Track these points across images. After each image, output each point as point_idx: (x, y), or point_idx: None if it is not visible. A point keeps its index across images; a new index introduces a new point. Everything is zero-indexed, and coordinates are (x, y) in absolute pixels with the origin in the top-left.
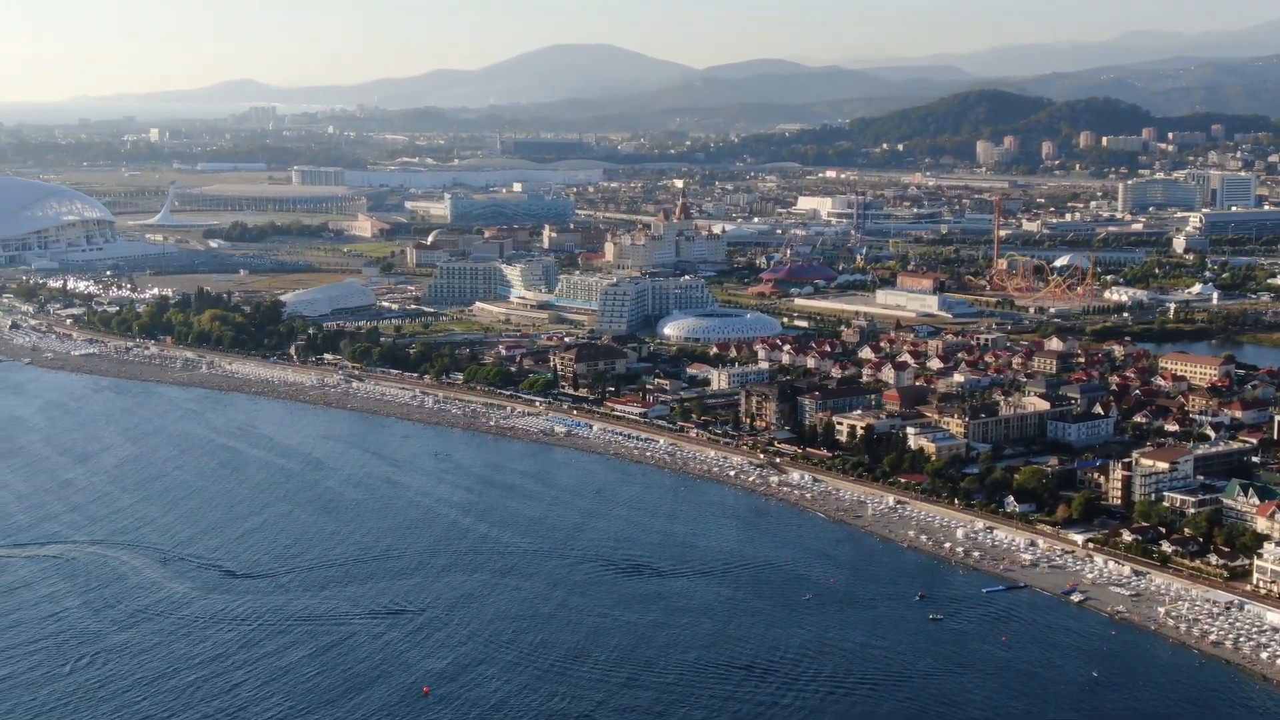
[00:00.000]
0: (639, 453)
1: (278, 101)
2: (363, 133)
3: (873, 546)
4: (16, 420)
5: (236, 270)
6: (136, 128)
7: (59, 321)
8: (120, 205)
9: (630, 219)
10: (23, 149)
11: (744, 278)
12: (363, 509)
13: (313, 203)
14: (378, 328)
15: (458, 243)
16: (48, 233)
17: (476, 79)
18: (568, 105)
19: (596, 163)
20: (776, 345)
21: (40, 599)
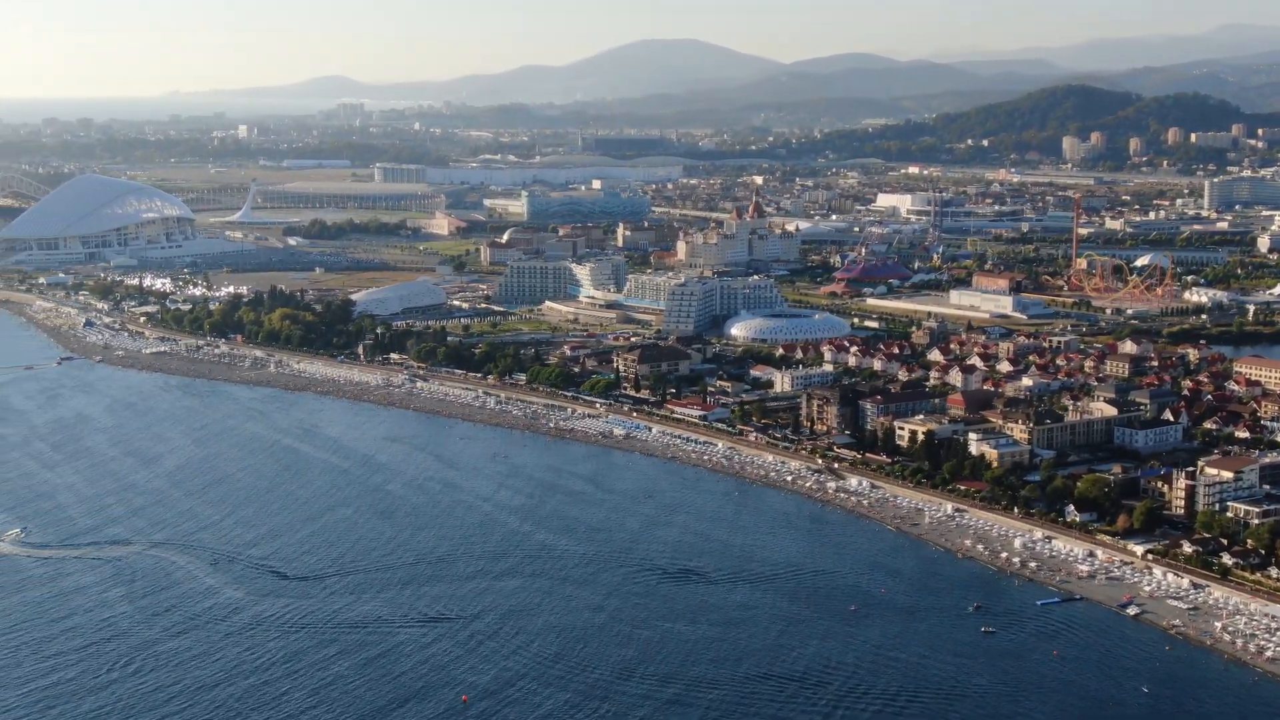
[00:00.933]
0: (697, 456)
1: (369, 98)
2: (448, 129)
3: (928, 556)
4: (84, 419)
5: (312, 268)
6: (226, 124)
7: (133, 319)
8: (204, 202)
9: (706, 216)
10: (112, 145)
11: (817, 277)
12: (419, 513)
13: (392, 200)
14: (445, 327)
15: (532, 241)
16: (127, 230)
17: (564, 75)
18: (653, 101)
19: (677, 159)
20: (844, 347)
21: (93, 603)
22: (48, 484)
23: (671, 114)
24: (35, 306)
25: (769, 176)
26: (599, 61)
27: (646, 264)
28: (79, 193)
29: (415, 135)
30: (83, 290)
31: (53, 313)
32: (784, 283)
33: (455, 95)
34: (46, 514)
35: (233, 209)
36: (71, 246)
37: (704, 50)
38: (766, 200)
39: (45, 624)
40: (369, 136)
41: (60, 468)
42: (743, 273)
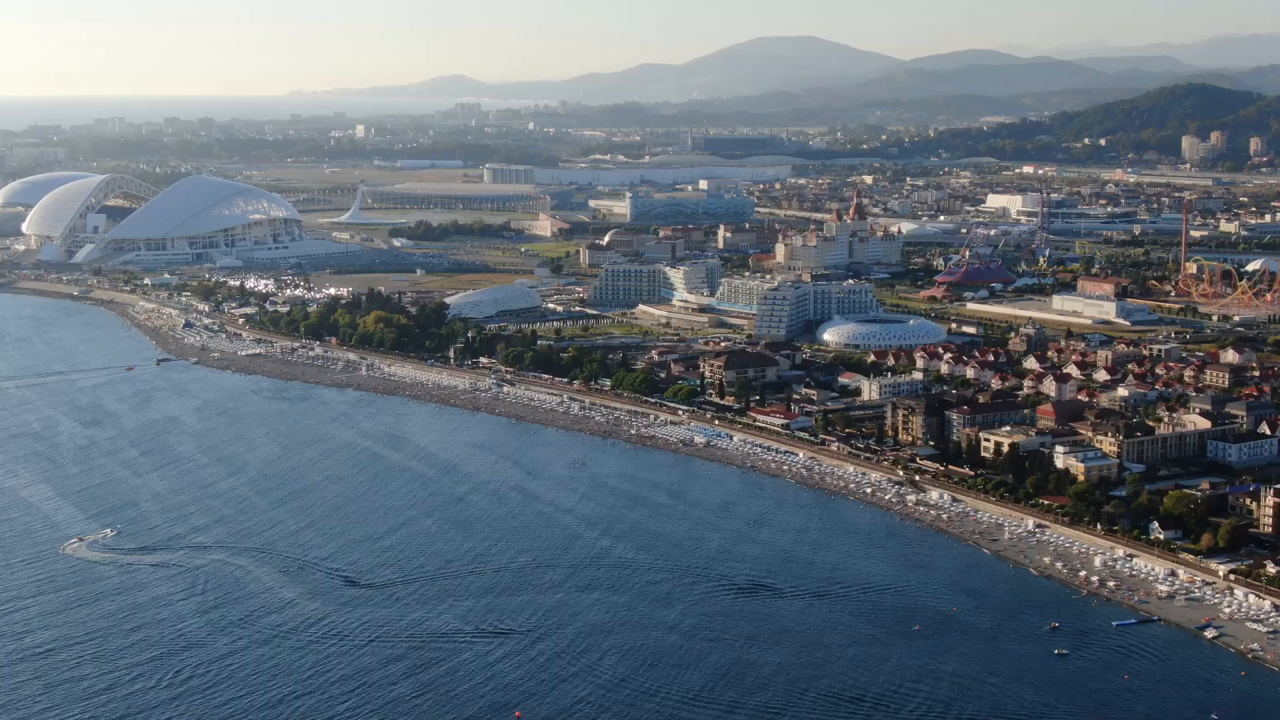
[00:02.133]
0: (776, 466)
1: (488, 97)
2: (561, 129)
3: (1004, 573)
4: (172, 421)
5: (414, 270)
6: (345, 124)
7: (231, 321)
8: (316, 202)
9: (811, 217)
10: (230, 145)
11: (918, 280)
12: (492, 519)
13: (499, 201)
14: (536, 331)
15: (632, 243)
16: (235, 231)
17: (680, 73)
18: (768, 99)
19: (786, 158)
20: (937, 354)
21: (160, 608)
22: (131, 488)
23: (786, 112)
24: (138, 307)
25: (879, 176)
26: (716, 59)
27: (746, 266)
28: (187, 194)
29: (528, 135)
30: (186, 291)
31: (154, 313)
32: (883, 286)
33: (573, 94)
34: (125, 519)
35: (343, 209)
36: (179, 247)
37: (822, 47)
38: (874, 201)
39: (116, 633)
40: (483, 136)
41: (145, 472)
42: (842, 276)
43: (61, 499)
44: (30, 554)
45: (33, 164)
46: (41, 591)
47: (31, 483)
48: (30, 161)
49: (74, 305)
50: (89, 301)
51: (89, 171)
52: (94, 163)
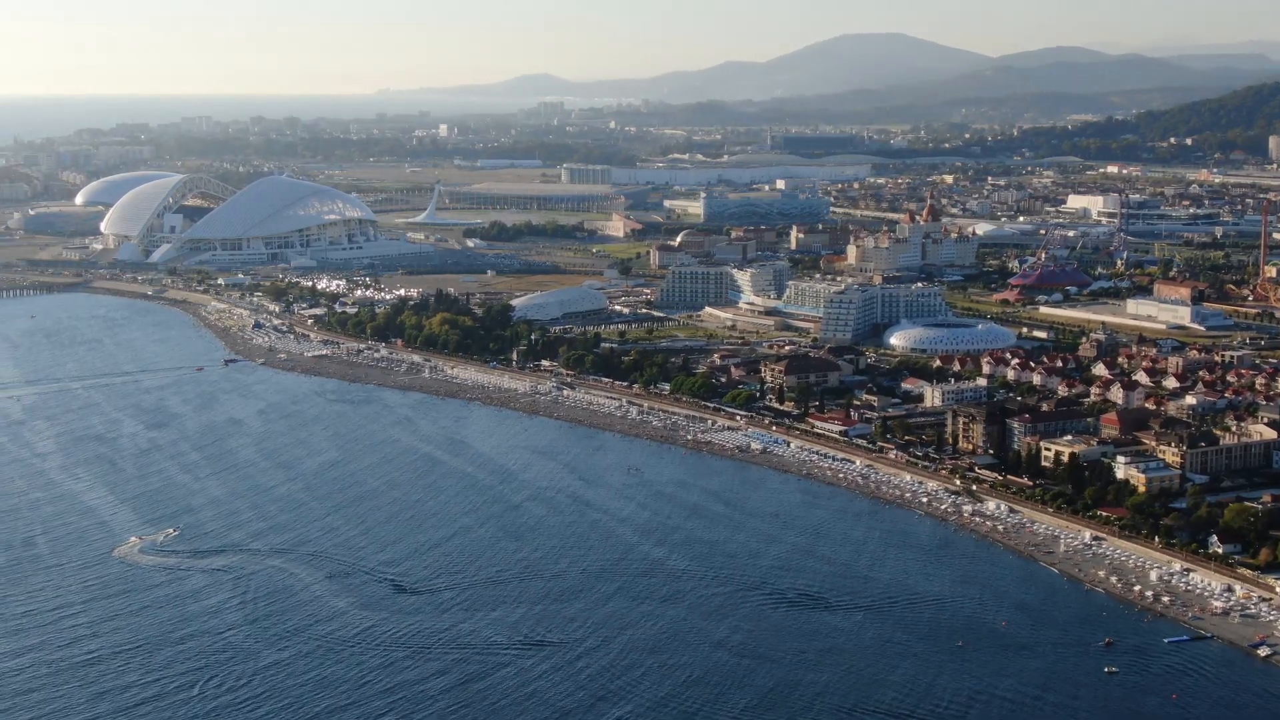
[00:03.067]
0: (832, 474)
1: (572, 95)
2: (643, 127)
3: (1057, 586)
4: (235, 423)
5: (484, 271)
6: (429, 123)
7: (300, 321)
8: (395, 202)
9: (887, 218)
10: (314, 144)
11: (992, 283)
12: (543, 526)
13: (574, 201)
14: (600, 333)
15: (703, 243)
16: (310, 231)
17: (764, 70)
18: (852, 96)
19: (866, 157)
20: (1004, 359)
21: (206, 612)
22: (187, 491)
23: (870, 110)
24: (210, 307)
25: (959, 176)
26: (801, 57)
27: (817, 268)
28: (263, 194)
29: (609, 134)
30: (258, 291)
31: (225, 314)
32: (956, 289)
33: (656, 92)
34: (179, 523)
35: (421, 209)
36: (255, 247)
37: (908, 44)
38: (953, 201)
39: (163, 641)
40: (564, 136)
41: (203, 475)
42: (914, 278)
43: (119, 502)
44: (83, 558)
45: (118, 162)
46: (92, 597)
47: (90, 485)
48: (116, 160)
49: (147, 305)
50: (162, 301)
51: (173, 170)
52: (179, 161)
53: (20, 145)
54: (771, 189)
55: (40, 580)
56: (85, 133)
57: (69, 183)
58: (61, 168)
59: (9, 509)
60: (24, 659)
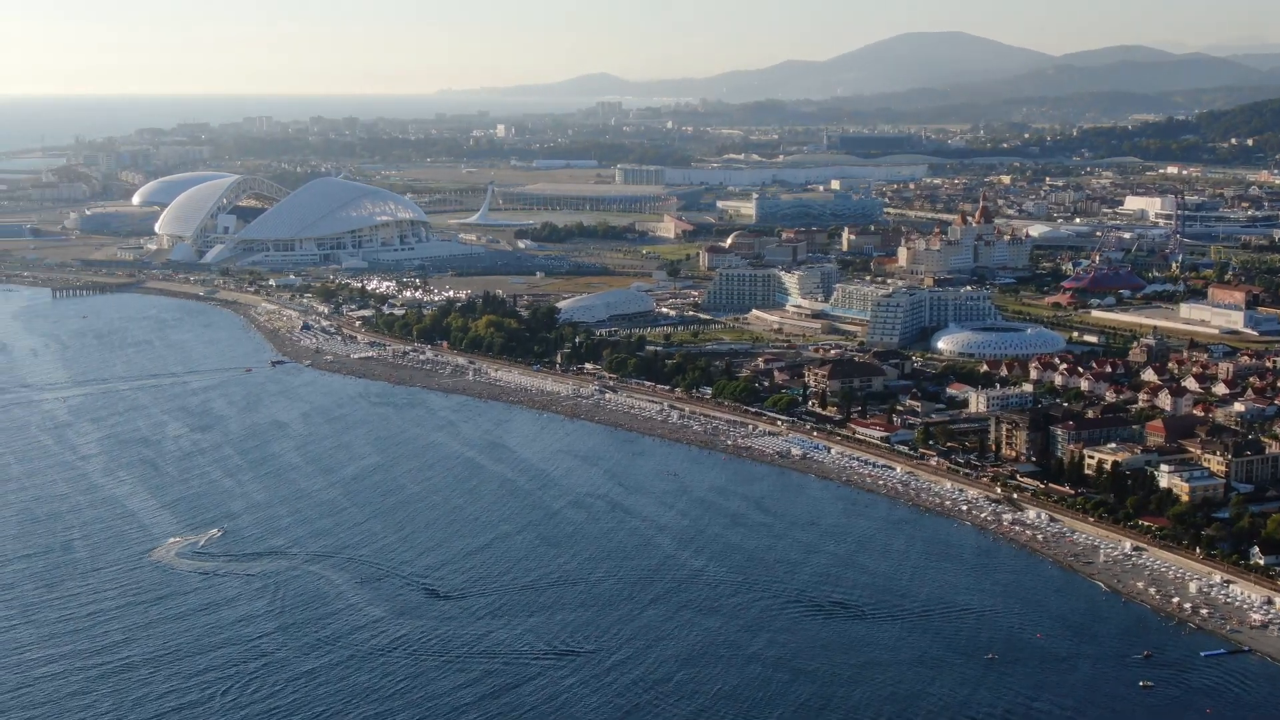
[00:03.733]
0: (872, 481)
1: (631, 95)
2: (700, 127)
3: (1095, 598)
4: (278, 426)
5: (534, 272)
6: (487, 123)
7: (349, 323)
8: (448, 203)
9: (942, 219)
10: (373, 145)
11: (1044, 285)
12: (580, 532)
13: (627, 202)
14: (645, 336)
15: (754, 245)
16: (362, 232)
17: (824, 70)
18: (912, 95)
19: (923, 157)
20: (1052, 364)
21: (239, 619)
22: (227, 494)
23: (929, 109)
24: (260, 308)
25: (1017, 176)
26: (861, 56)
27: (867, 270)
28: (316, 196)
29: (666, 134)
30: (308, 293)
31: (275, 315)
32: (1008, 292)
33: (715, 92)
34: (219, 525)
35: (474, 210)
36: (307, 248)
37: (969, 43)
38: (1009, 202)
39: (194, 647)
40: (621, 136)
41: (243, 478)
42: (966, 281)
43: (159, 505)
44: (120, 562)
45: (178, 162)
46: (127, 602)
47: (131, 488)
48: (175, 160)
49: (198, 306)
50: (214, 302)
51: (231, 170)
52: (237, 161)
53: (81, 145)
54: (826, 189)
55: (77, 584)
56: (146, 132)
57: (128, 182)
58: (121, 167)
59: (50, 513)
60: (56, 665)
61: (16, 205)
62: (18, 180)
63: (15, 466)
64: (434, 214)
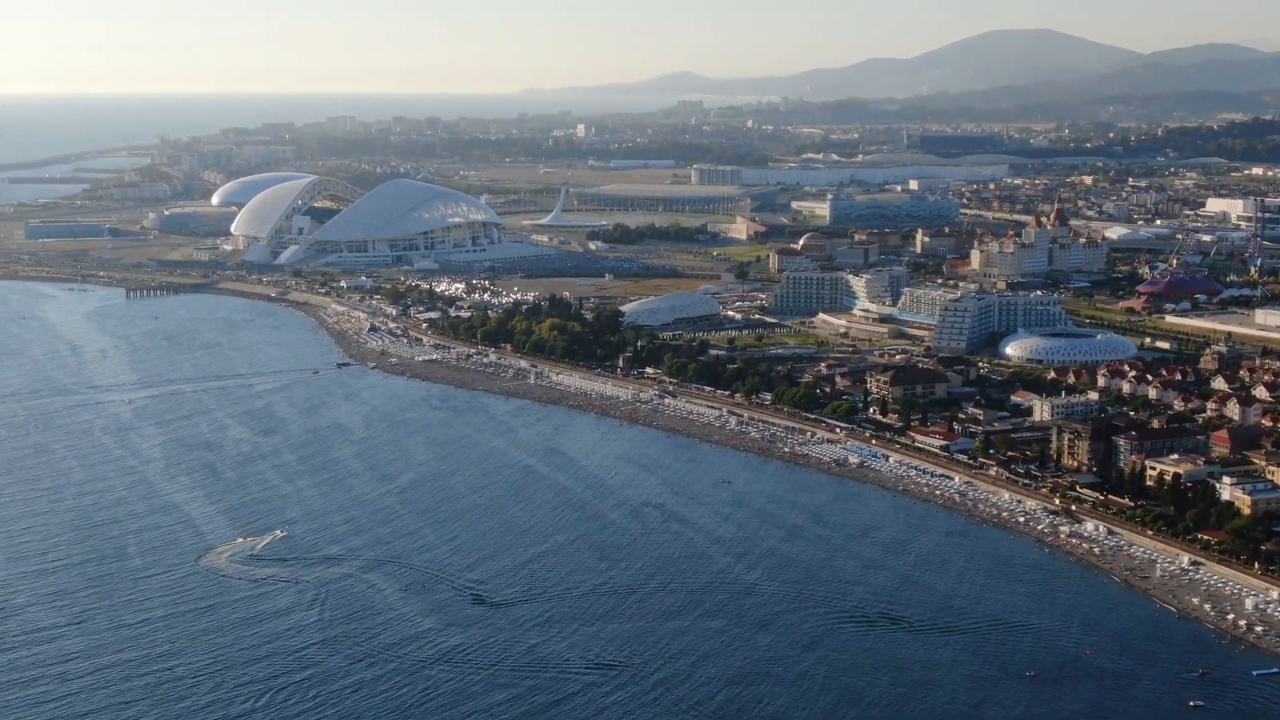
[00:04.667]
0: (929, 491)
1: (714, 93)
2: (780, 126)
3: (1148, 614)
4: (339, 429)
5: (602, 274)
6: (568, 123)
7: (415, 325)
8: (523, 204)
9: (1020, 220)
10: (453, 145)
11: (1119, 290)
12: (633, 543)
13: (701, 203)
14: (708, 340)
15: (825, 247)
16: (434, 234)
17: (909, 67)
18: (997, 94)
19: (1004, 157)
20: (1120, 371)
21: (286, 629)
22: (282, 498)
23: (1014, 107)
24: (329, 310)
25: (1099, 177)
26: (946, 53)
27: (939, 273)
28: (389, 197)
29: (745, 133)
30: (377, 294)
31: (344, 316)
32: (1082, 296)
33: (798, 90)
34: (273, 531)
35: (549, 211)
36: (380, 249)
37: (1057, 40)
38: (1090, 203)
39: (237, 653)
40: (700, 135)
41: (299, 482)
42: (1040, 284)
43: (215, 510)
44: (171, 568)
45: (260, 162)
46: (174, 609)
47: (189, 492)
48: (258, 160)
49: (269, 307)
50: (285, 304)
51: (312, 170)
52: (319, 161)
53: (166, 144)
54: (904, 190)
55: (128, 590)
56: (231, 132)
57: (209, 182)
58: (204, 167)
59: (107, 518)
60: (99, 675)
61: (98, 205)
62: (101, 179)
63: (77, 470)
64: (509, 215)
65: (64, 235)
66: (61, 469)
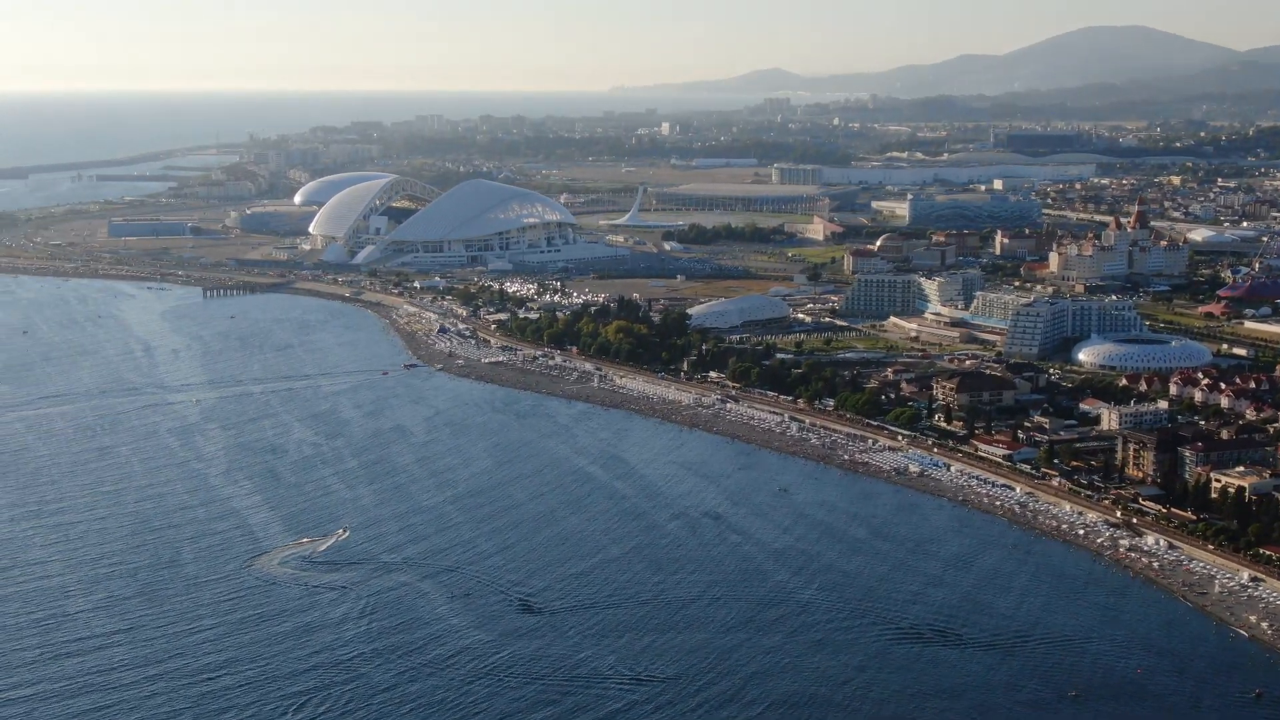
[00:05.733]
0: (988, 501)
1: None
2: (867, 124)
3: (1203, 631)
4: (400, 432)
5: (675, 275)
6: (653, 121)
7: (484, 326)
8: (602, 203)
9: (1103, 221)
10: (537, 143)
11: (1200, 294)
12: (685, 551)
13: (779, 202)
14: (774, 344)
15: (902, 248)
16: (510, 234)
17: (1001, 64)
18: (1089, 91)
19: (1091, 156)
20: (1193, 379)
21: (332, 640)
22: (339, 502)
23: (1106, 105)
24: (401, 310)
25: (1187, 177)
26: (1039, 50)
27: (1017, 275)
28: (465, 197)
29: (831, 131)
30: (449, 295)
31: (415, 317)
32: (1161, 300)
33: (888, 87)
34: (325, 534)
35: (628, 211)
36: (455, 250)
37: (1151, 37)
38: (1176, 204)
39: (280, 658)
40: (785, 133)
41: (358, 485)
42: (1119, 288)
43: (271, 513)
44: (222, 571)
45: (346, 160)
46: (223, 614)
47: (247, 494)
48: (344, 158)
49: (343, 307)
50: (358, 304)
51: (397, 169)
52: (404, 160)
53: (255, 142)
54: (988, 189)
55: (179, 595)
56: (319, 130)
57: (295, 181)
58: (290, 165)
59: (165, 523)
60: (145, 686)
61: (183, 203)
62: (189, 178)
63: (139, 471)
64: (587, 214)
65: (147, 234)
66: (124, 471)
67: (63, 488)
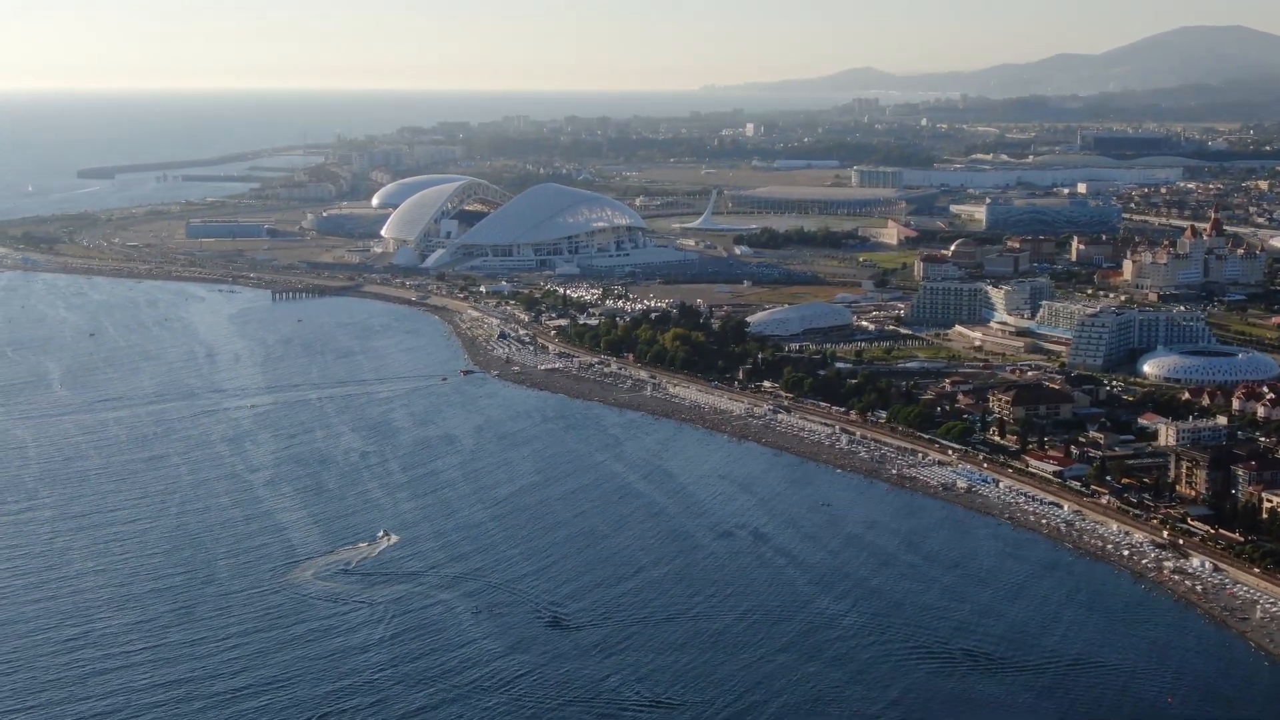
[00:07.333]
0: (1034, 519)
1: (894, 89)
2: (956, 124)
3: (1241, 658)
4: (448, 440)
5: (741, 280)
6: (739, 121)
7: (544, 332)
8: (679, 206)
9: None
10: (619, 144)
11: (1277, 303)
12: (718, 566)
13: (856, 205)
14: (834, 352)
15: (975, 254)
16: (579, 238)
17: (1097, 64)
18: (1184, 92)
19: (1179, 159)
20: (1257, 394)
21: (353, 650)
22: (379, 512)
23: (1201, 106)
24: (464, 315)
25: (1275, 182)
26: (1136, 49)
27: (1090, 283)
28: (535, 201)
29: (917, 131)
30: (512, 300)
31: (477, 323)
32: (1236, 310)
33: (982, 86)
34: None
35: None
36: (524, 254)
37: (1250, 37)
38: (1261, 209)
39: (303, 675)
40: (872, 134)
41: (400, 495)
42: (1194, 297)
43: (311, 523)
44: (255, 584)
45: (429, 162)
46: (251, 628)
47: (289, 503)
48: (427, 159)
49: (408, 311)
50: (423, 308)
51: (479, 170)
52: (486, 162)
53: (341, 143)
54: (1071, 193)
55: (209, 608)
56: (406, 131)
57: (377, 182)
58: (373, 166)
59: (204, 533)
60: (166, 710)
61: (263, 205)
62: (271, 179)
63: (186, 478)
64: (662, 217)
65: (223, 235)
66: (172, 478)
67: (108, 497)
